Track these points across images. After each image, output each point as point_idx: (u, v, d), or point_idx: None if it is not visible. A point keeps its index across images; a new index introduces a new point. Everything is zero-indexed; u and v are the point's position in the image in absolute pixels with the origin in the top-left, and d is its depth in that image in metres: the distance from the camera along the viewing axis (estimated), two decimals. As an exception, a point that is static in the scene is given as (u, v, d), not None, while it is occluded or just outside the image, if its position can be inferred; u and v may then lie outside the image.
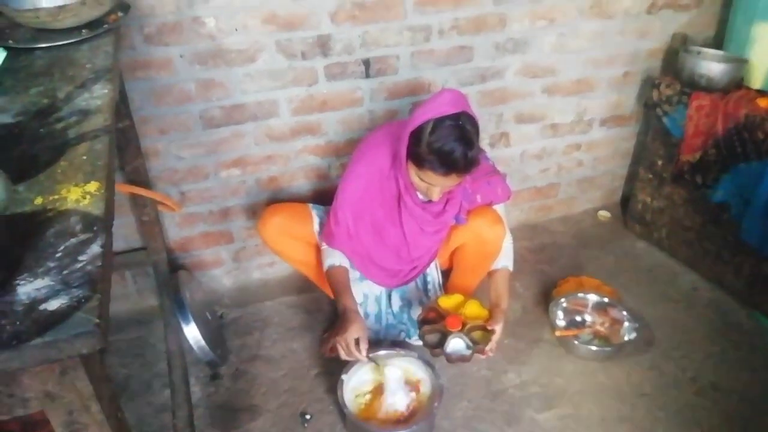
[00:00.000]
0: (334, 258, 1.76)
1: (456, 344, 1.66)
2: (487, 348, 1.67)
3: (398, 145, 1.59)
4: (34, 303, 0.64)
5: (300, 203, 1.95)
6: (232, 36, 1.81)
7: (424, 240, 1.78)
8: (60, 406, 0.69)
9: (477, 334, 1.68)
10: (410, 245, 1.77)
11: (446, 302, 1.76)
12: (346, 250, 1.77)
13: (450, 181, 1.53)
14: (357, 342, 1.61)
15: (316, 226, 1.85)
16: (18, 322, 0.62)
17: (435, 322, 1.70)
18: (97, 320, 0.62)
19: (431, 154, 1.47)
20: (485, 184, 1.77)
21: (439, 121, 1.47)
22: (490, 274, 1.85)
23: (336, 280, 1.74)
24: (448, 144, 1.45)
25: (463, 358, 1.66)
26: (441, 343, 1.65)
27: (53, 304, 0.64)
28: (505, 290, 1.82)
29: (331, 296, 1.96)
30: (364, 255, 1.79)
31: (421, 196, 1.69)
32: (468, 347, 1.65)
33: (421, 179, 1.55)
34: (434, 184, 1.54)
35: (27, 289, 0.66)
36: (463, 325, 1.67)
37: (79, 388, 0.68)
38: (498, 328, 1.69)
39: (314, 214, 1.87)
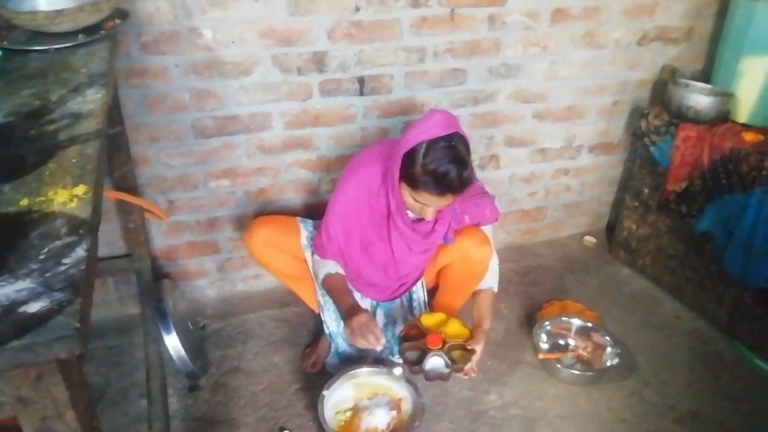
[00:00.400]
0: (330, 267, 1.75)
1: (435, 362, 1.65)
2: (467, 367, 1.67)
3: (390, 165, 1.60)
4: (13, 305, 0.63)
5: (288, 216, 1.94)
6: (229, 48, 1.82)
7: (412, 258, 1.78)
8: (33, 412, 0.67)
9: (456, 354, 1.68)
10: (398, 263, 1.78)
11: (428, 320, 1.76)
12: (339, 263, 1.77)
13: (444, 201, 1.54)
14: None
15: (303, 240, 1.85)
16: (-5, 324, 0.60)
17: (416, 339, 1.70)
18: (78, 324, 0.61)
19: (426, 175, 1.48)
20: (473, 205, 1.78)
21: (432, 143, 1.48)
22: (475, 294, 1.86)
23: (335, 285, 1.73)
24: (442, 165, 1.47)
25: (441, 377, 1.65)
26: (420, 360, 1.65)
27: (33, 307, 0.63)
28: (489, 311, 1.82)
29: (315, 311, 1.96)
30: (354, 270, 1.79)
31: (411, 215, 1.70)
32: (447, 366, 1.65)
33: (415, 200, 1.56)
34: (428, 204, 1.55)
35: (7, 290, 0.65)
36: (444, 343, 1.67)
37: (54, 394, 0.67)
38: (478, 348, 1.69)
39: (302, 227, 1.86)
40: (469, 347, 1.68)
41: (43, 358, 0.61)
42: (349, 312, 1.64)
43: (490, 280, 1.85)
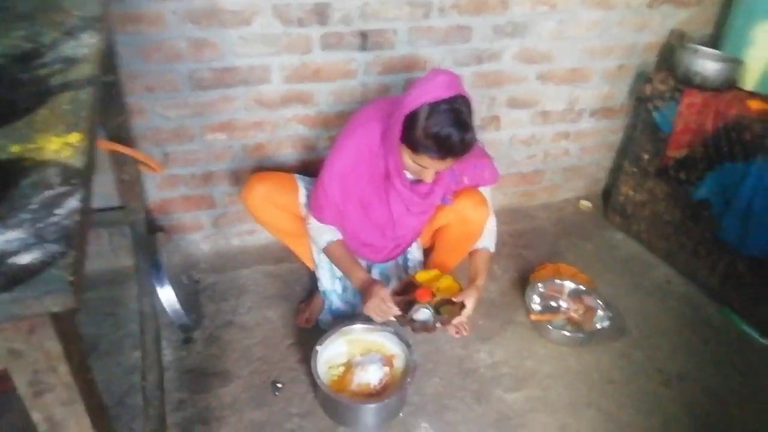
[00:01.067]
0: (330, 233, 1.75)
1: (422, 314, 1.67)
2: (455, 321, 1.69)
3: (390, 125, 1.56)
4: (3, 256, 0.61)
5: (286, 173, 1.92)
6: (228, -5, 1.76)
7: (410, 219, 1.77)
8: (25, 365, 0.66)
9: (446, 309, 1.69)
10: (396, 223, 1.77)
11: (423, 276, 1.78)
12: (336, 225, 1.76)
13: (445, 164, 1.52)
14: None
15: (302, 198, 1.83)
16: (-16, 275, 0.59)
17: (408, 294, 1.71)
18: (71, 278, 0.60)
19: (427, 138, 1.44)
20: (473, 166, 1.76)
21: (434, 105, 1.44)
22: (471, 253, 1.86)
23: (339, 254, 1.75)
24: (444, 129, 1.43)
25: (426, 328, 1.66)
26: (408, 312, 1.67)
27: (24, 258, 0.61)
28: (484, 268, 1.82)
29: (311, 267, 1.97)
30: (351, 231, 1.78)
31: (409, 176, 1.68)
32: (433, 317, 1.66)
33: (415, 162, 1.53)
34: (428, 167, 1.53)
35: (-4, 240, 0.63)
36: (433, 296, 1.69)
37: (47, 347, 0.66)
38: (469, 302, 1.69)
39: (300, 185, 1.84)
40: (455, 300, 1.69)
41: (34, 312, 0.60)
42: (363, 288, 1.68)
43: (487, 241, 1.85)
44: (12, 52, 1.00)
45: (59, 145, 0.78)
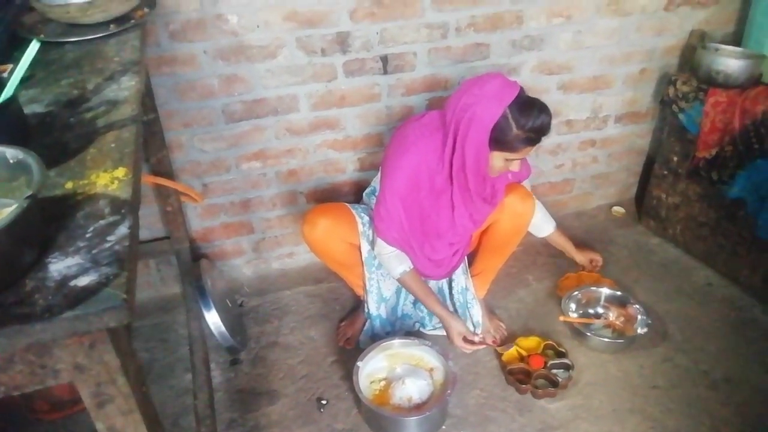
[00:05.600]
0: (402, 264, 1.79)
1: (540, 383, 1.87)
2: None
3: (466, 144, 1.59)
4: (65, 279, 0.68)
5: (339, 204, 1.92)
6: (254, 32, 1.86)
7: (471, 225, 1.81)
8: (89, 378, 0.72)
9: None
10: (457, 229, 1.80)
11: (508, 356, 1.93)
12: (404, 246, 1.77)
13: (535, 148, 1.64)
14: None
15: (361, 227, 1.84)
16: (50, 297, 0.65)
17: (520, 374, 1.89)
18: (125, 295, 0.66)
19: (527, 133, 1.55)
20: None
21: (513, 106, 1.54)
22: (548, 239, 2.09)
23: (414, 286, 1.84)
24: (536, 119, 1.54)
25: (547, 394, 1.84)
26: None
27: (83, 281, 0.68)
28: (566, 241, 2.16)
29: (360, 293, 2.01)
30: (416, 247, 1.80)
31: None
32: (566, 369, 1.90)
33: (511, 160, 1.62)
34: (522, 157, 1.64)
35: (58, 266, 0.70)
36: (545, 364, 1.89)
37: (106, 361, 0.71)
38: (588, 255, 2.20)
39: (355, 213, 1.85)
40: (577, 259, 2.19)
41: (96, 327, 0.66)
42: (445, 320, 1.88)
43: (548, 225, 2.06)
44: (61, 99, 1.08)
45: (108, 180, 0.85)
